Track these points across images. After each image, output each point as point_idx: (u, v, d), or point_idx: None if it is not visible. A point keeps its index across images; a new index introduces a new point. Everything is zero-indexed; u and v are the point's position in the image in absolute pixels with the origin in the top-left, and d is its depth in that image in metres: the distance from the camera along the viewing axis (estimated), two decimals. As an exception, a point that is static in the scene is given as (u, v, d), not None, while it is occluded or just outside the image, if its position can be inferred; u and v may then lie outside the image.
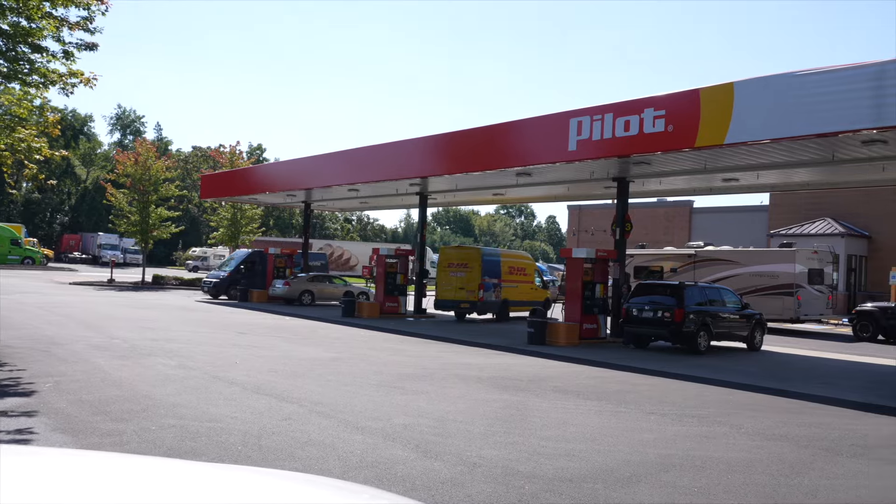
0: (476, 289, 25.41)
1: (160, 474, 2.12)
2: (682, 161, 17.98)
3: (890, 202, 36.65)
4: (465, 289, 25.61)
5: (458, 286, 25.73)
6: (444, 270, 26.41)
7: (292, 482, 2.21)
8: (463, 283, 25.67)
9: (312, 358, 14.65)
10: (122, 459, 2.43)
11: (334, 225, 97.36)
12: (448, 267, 26.33)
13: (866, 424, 10.24)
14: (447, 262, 26.52)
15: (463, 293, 25.64)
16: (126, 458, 2.43)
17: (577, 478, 6.79)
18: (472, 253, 26.50)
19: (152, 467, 2.25)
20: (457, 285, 25.76)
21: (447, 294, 26.09)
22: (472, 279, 25.57)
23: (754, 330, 19.61)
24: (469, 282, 25.58)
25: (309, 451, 7.29)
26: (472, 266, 25.74)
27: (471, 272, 25.63)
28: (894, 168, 17.64)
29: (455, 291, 25.78)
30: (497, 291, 26.26)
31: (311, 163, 29.30)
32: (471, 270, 25.65)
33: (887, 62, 12.66)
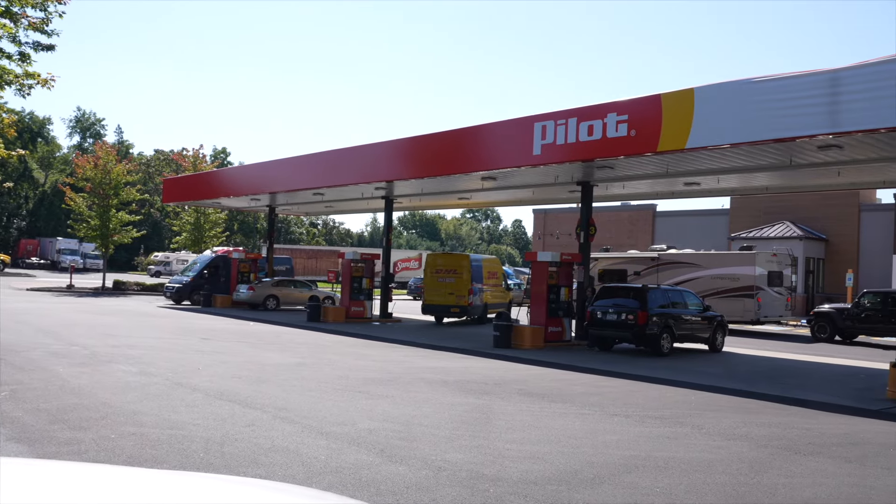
0: (466, 294, 26.27)
1: (117, 483, 2.10)
2: (644, 165, 18.22)
3: (846, 206, 37.54)
4: (454, 294, 26.36)
5: (447, 291, 26.48)
6: (432, 276, 27.04)
7: (244, 487, 2.20)
8: (452, 288, 26.43)
9: (277, 363, 14.52)
10: (78, 468, 2.39)
11: (299, 229, 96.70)
12: (436, 273, 26.96)
13: (823, 423, 10.46)
14: (435, 268, 27.16)
15: (453, 298, 26.36)
16: (83, 467, 2.39)
17: (542, 480, 6.83)
18: (461, 259, 27.37)
19: (109, 476, 2.22)
20: (446, 290, 26.49)
21: (436, 299, 26.69)
22: (461, 284, 26.36)
23: (716, 331, 19.92)
24: (458, 287, 26.36)
25: (273, 457, 7.22)
26: (461, 272, 26.53)
27: (460, 278, 26.45)
28: (850, 172, 18.07)
29: (444, 296, 26.50)
30: (480, 296, 27.12)
31: (276, 166, 29.09)
32: (460, 276, 26.47)
33: (841, 69, 12.97)
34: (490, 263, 29.07)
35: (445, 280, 26.67)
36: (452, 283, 26.49)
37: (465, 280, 26.40)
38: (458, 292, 26.35)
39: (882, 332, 23.95)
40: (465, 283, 26.39)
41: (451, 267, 26.90)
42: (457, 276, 26.52)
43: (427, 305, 27.09)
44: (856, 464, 7.99)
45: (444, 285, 26.62)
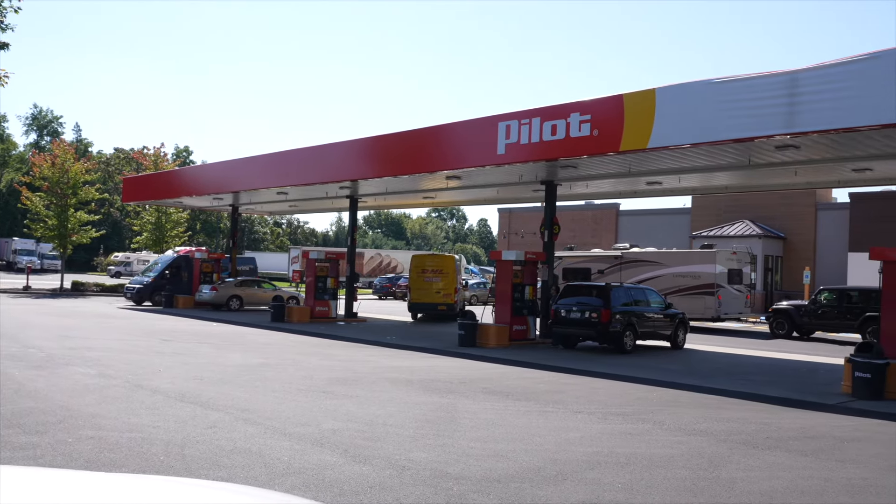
0: (452, 292, 28.22)
1: (73, 488, 2.07)
2: (607, 165, 18.40)
3: (803, 205, 38.34)
4: (441, 292, 28.04)
5: (434, 290, 28.06)
6: (418, 276, 28.37)
7: (200, 489, 2.18)
8: (439, 287, 28.07)
9: (240, 364, 14.38)
10: (33, 473, 2.35)
11: (263, 229, 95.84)
12: (422, 273, 28.35)
13: (780, 418, 10.67)
14: (421, 268, 28.47)
15: (440, 297, 28.03)
16: (38, 472, 2.35)
17: (505, 478, 6.86)
18: (447, 260, 29.36)
19: (65, 481, 2.18)
20: (433, 290, 28.07)
21: (423, 298, 28.15)
22: (447, 284, 28.12)
23: (677, 329, 20.20)
24: (445, 286, 28.07)
25: (235, 458, 7.15)
26: (447, 272, 28.28)
27: (446, 277, 28.16)
28: (806, 172, 18.45)
29: (432, 295, 28.04)
30: (460, 294, 28.82)
31: (239, 165, 28.79)
32: (446, 276, 28.19)
33: (798, 71, 13.24)
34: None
35: (432, 280, 28.14)
36: (439, 282, 28.09)
37: (452, 279, 28.15)
38: (445, 290, 28.05)
39: (838, 327, 24.50)
40: (451, 282, 28.12)
41: (438, 267, 28.46)
42: (443, 276, 28.17)
43: (414, 304, 28.31)
44: (811, 457, 8.17)
45: (430, 284, 28.10)
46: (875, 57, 12.33)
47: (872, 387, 12.32)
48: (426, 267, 28.58)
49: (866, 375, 12.38)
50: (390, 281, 49.52)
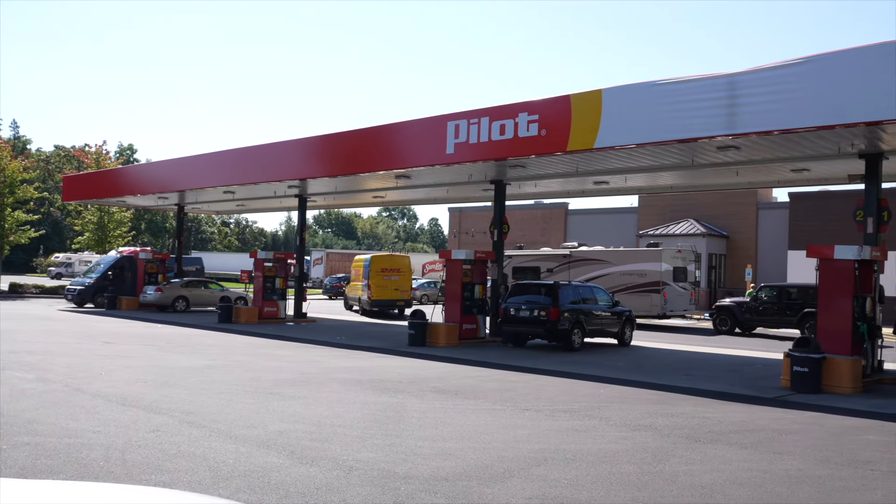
0: (409, 289, 31.43)
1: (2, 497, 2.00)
2: (555, 164, 18.59)
3: (745, 204, 39.34)
4: (399, 290, 30.55)
5: (392, 288, 30.35)
6: (377, 275, 30.19)
7: (133, 495, 2.13)
8: (397, 285, 30.53)
9: (185, 366, 14.11)
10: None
11: (211, 228, 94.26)
12: (382, 272, 30.35)
13: (722, 412, 10.93)
14: (381, 268, 30.47)
15: (398, 293, 30.55)
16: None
17: (453, 476, 6.88)
18: (404, 259, 32.17)
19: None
20: (392, 287, 30.33)
21: (384, 295, 30.21)
22: (404, 282, 30.88)
23: (624, 326, 20.53)
24: (402, 284, 30.74)
25: (178, 462, 7.01)
26: (404, 271, 30.94)
27: (403, 276, 30.83)
28: (747, 172, 18.93)
29: (391, 292, 30.31)
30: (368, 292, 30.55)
31: (185, 164, 28.27)
32: (403, 274, 30.84)
33: (738, 73, 13.58)
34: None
35: (391, 278, 30.34)
36: (397, 280, 30.51)
37: (408, 277, 31.10)
38: (402, 288, 30.73)
39: (778, 323, 25.21)
40: (407, 280, 30.99)
41: (395, 266, 30.79)
42: (400, 275, 30.67)
43: (375, 301, 30.10)
44: (751, 450, 8.38)
45: (390, 283, 30.31)
46: (810, 61, 12.73)
47: (810, 380, 12.71)
48: (384, 266, 30.51)
49: (804, 370, 12.77)
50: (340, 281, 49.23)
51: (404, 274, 30.89)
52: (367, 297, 30.14)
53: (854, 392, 12.78)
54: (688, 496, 6.49)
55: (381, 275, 30.22)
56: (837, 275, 13.50)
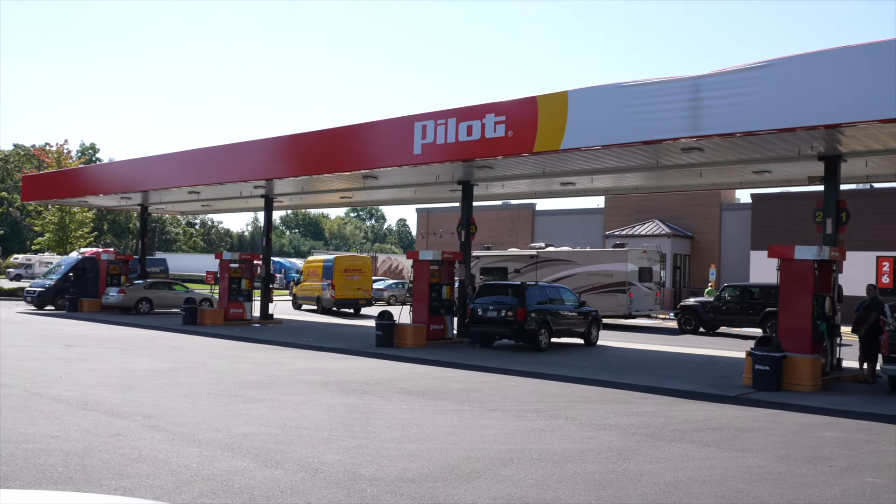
0: (370, 288, 33.72)
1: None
2: (522, 165, 18.67)
3: (709, 205, 39.91)
4: (361, 289, 32.79)
5: (355, 287, 32.53)
6: (341, 275, 32.22)
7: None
8: (359, 284, 32.77)
9: (148, 369, 13.90)
10: None
11: (175, 229, 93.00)
12: (345, 272, 32.43)
13: (685, 410, 11.07)
14: (344, 268, 32.56)
15: (360, 293, 32.79)
16: None
17: (419, 477, 6.87)
18: (366, 260, 34.69)
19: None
20: (354, 286, 32.50)
21: (347, 294, 32.34)
22: (366, 281, 33.27)
23: (591, 326, 20.69)
24: (364, 283, 33.04)
25: (139, 467, 6.91)
26: (365, 271, 33.30)
27: (365, 276, 33.17)
28: (710, 174, 19.20)
29: (354, 291, 32.47)
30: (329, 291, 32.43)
31: (148, 163, 27.85)
32: (364, 274, 33.19)
33: (702, 76, 13.77)
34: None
35: (353, 278, 32.47)
36: (359, 280, 32.71)
37: (369, 277, 33.51)
38: (364, 287, 33.03)
39: (741, 323, 25.61)
40: (368, 279, 33.40)
41: (358, 267, 33.02)
42: (362, 275, 32.91)
43: (339, 300, 32.15)
44: (714, 447, 8.50)
45: (353, 282, 32.43)
46: (771, 64, 12.95)
47: (771, 378, 12.94)
48: (347, 266, 32.62)
49: (765, 368, 12.99)
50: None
51: (365, 274, 33.17)
52: (331, 296, 32.05)
53: (814, 390, 13.03)
54: (651, 494, 6.56)
55: (345, 275, 32.26)
56: (798, 275, 13.75)
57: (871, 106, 12.07)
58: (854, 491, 6.86)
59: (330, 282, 32.23)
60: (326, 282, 32.43)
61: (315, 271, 34.12)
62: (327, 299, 32.34)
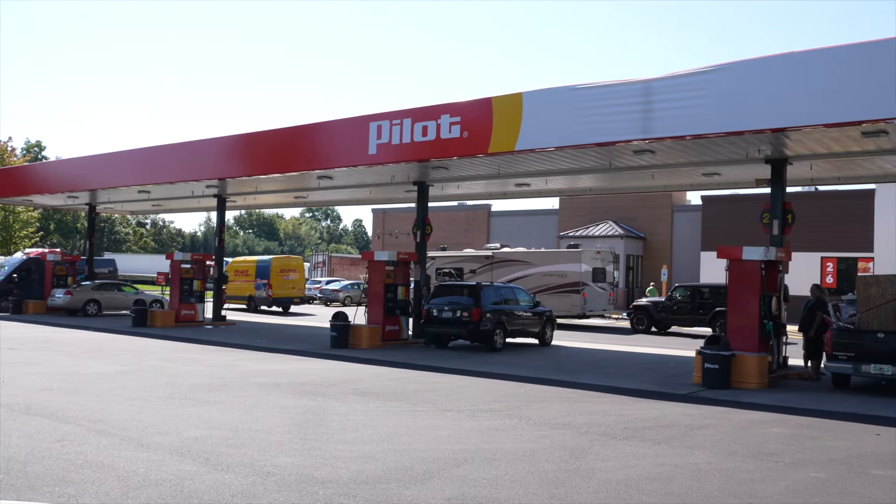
0: (303, 287, 37.49)
1: None
2: (477, 166, 18.74)
3: (661, 206, 40.60)
4: (295, 288, 35.85)
5: (290, 286, 35.39)
6: (278, 275, 34.96)
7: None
8: (294, 283, 35.71)
9: (96, 372, 13.58)
10: None
11: (125, 229, 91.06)
12: (281, 272, 35.17)
13: (637, 409, 11.24)
14: (280, 268, 35.34)
15: (295, 291, 35.86)
16: None
17: (373, 479, 6.84)
18: (298, 261, 38.00)
19: None
20: (289, 285, 35.35)
21: (283, 292, 34.93)
22: (299, 281, 36.40)
23: (545, 326, 20.86)
24: (298, 283, 36.21)
25: (84, 473, 6.73)
26: (298, 270, 36.40)
27: (298, 275, 36.24)
28: (662, 176, 19.51)
29: (289, 290, 35.26)
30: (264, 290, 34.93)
31: (97, 162, 27.21)
32: (298, 274, 36.26)
33: (653, 80, 13.99)
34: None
35: (288, 277, 35.23)
36: (293, 279, 35.51)
37: (302, 276, 36.69)
38: (298, 286, 36.05)
39: (691, 322, 26.10)
40: (301, 279, 36.67)
41: (292, 267, 36.07)
42: (296, 275, 35.79)
43: (275, 299, 34.61)
44: (664, 445, 8.64)
45: (287, 281, 35.17)
46: (720, 69, 13.22)
47: (720, 377, 13.21)
48: (283, 267, 35.56)
49: (714, 366, 13.26)
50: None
51: (299, 274, 36.29)
52: (268, 294, 34.66)
53: (761, 387, 13.34)
54: (603, 493, 6.63)
55: (281, 274, 35.09)
56: (745, 275, 14.06)
57: (816, 111, 12.41)
58: (798, 486, 7.04)
59: (266, 281, 34.79)
60: (262, 281, 34.89)
61: (246, 271, 36.45)
62: (262, 298, 34.78)
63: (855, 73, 12.07)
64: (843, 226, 33.62)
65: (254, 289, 35.17)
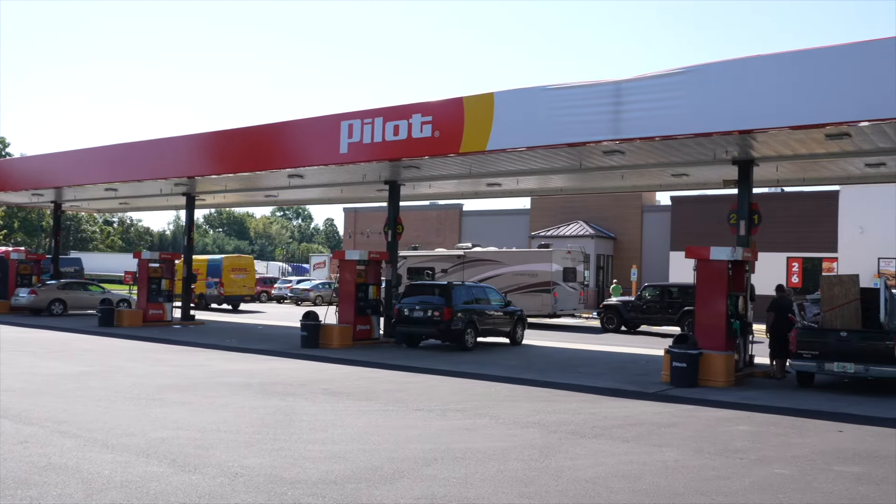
0: (253, 285, 38.26)
1: None
2: (449, 166, 18.75)
3: (631, 207, 40.96)
4: (245, 286, 37.14)
5: (241, 284, 36.80)
6: (228, 274, 36.24)
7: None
8: (244, 282, 37.04)
9: (60, 373, 13.35)
10: None
11: (92, 228, 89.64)
12: (232, 271, 36.55)
13: (606, 407, 11.32)
14: (231, 267, 36.69)
15: (245, 289, 37.13)
16: None
17: (342, 479, 6.81)
18: (249, 260, 39.40)
19: None
20: (240, 284, 36.74)
21: (234, 291, 36.38)
22: (249, 279, 37.60)
23: (516, 325, 20.93)
24: (248, 282, 37.40)
25: (47, 476, 6.62)
26: (249, 270, 37.66)
27: (249, 274, 37.51)
28: (632, 176, 19.67)
29: (240, 288, 36.74)
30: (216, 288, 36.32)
31: (62, 159, 26.73)
32: (248, 273, 37.50)
33: (623, 81, 14.11)
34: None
35: (239, 276, 36.76)
36: (243, 278, 37.04)
37: (252, 275, 38.06)
38: (248, 285, 37.52)
39: (660, 321, 26.37)
40: (252, 278, 37.87)
41: (242, 266, 37.54)
42: (247, 274, 37.32)
43: (226, 297, 36.14)
44: (632, 443, 8.72)
45: (239, 280, 36.73)
46: (689, 71, 13.37)
47: (688, 375, 13.36)
48: (234, 266, 36.99)
49: (682, 365, 13.40)
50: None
51: (249, 273, 37.62)
52: (219, 292, 35.98)
53: (727, 385, 13.52)
54: (572, 491, 6.68)
55: (232, 273, 36.51)
56: (713, 274, 14.24)
57: (781, 113, 12.62)
58: (763, 482, 7.14)
59: (218, 280, 36.14)
60: (213, 280, 36.22)
61: (197, 270, 36.21)
62: (214, 296, 36.04)
63: (819, 76, 12.28)
64: (808, 226, 34.19)
65: (205, 287, 35.98)
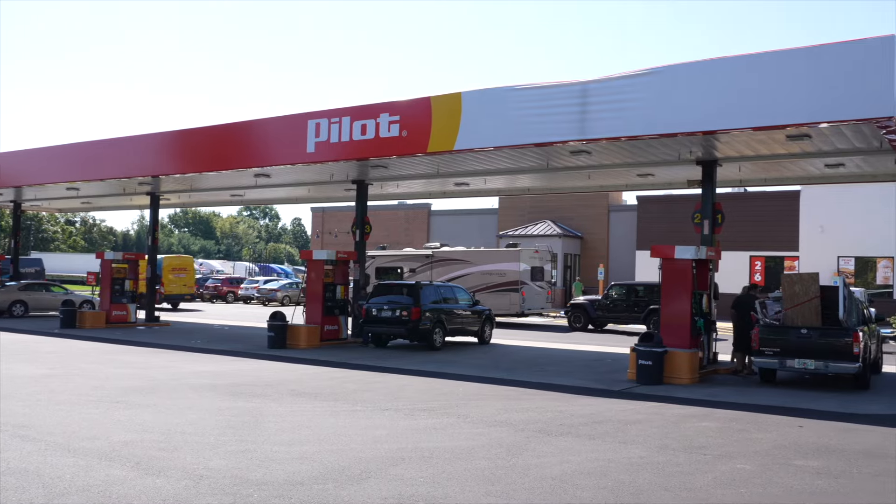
0: (193, 285, 39.68)
1: None
2: (417, 165, 18.75)
3: (598, 206, 41.32)
4: (186, 286, 38.24)
5: (181, 284, 37.86)
6: (169, 273, 37.02)
7: None
8: (184, 282, 38.14)
9: (21, 375, 13.08)
10: None
11: (53, 227, 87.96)
12: (172, 271, 37.44)
13: (573, 405, 11.41)
14: (171, 267, 37.46)
15: (185, 289, 38.26)
16: None
17: (309, 480, 6.78)
18: (188, 260, 40.57)
19: None
20: (180, 283, 37.81)
21: (174, 290, 37.38)
22: (189, 279, 38.86)
23: (484, 325, 21.00)
24: (188, 281, 38.64)
25: (6, 480, 6.49)
26: (189, 270, 38.87)
27: (189, 274, 38.68)
28: (598, 176, 19.86)
29: (180, 287, 37.79)
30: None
31: (22, 157, 26.20)
32: (188, 273, 38.68)
33: (590, 81, 14.23)
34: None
35: (179, 276, 37.91)
36: (184, 277, 38.15)
37: (191, 275, 39.24)
38: (188, 284, 38.74)
39: (627, 320, 26.66)
40: (191, 277, 39.16)
41: (183, 266, 38.62)
42: (186, 273, 38.41)
43: (167, 296, 36.85)
44: (598, 440, 8.81)
45: (179, 279, 37.87)
46: (654, 72, 13.54)
47: (653, 373, 13.53)
48: (174, 266, 37.80)
49: (648, 363, 13.57)
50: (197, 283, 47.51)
51: (189, 272, 38.71)
52: (160, 291, 35.57)
53: (692, 382, 13.72)
54: (539, 488, 6.72)
55: (172, 273, 37.28)
56: (677, 273, 14.43)
57: (743, 114, 12.83)
58: (725, 477, 7.26)
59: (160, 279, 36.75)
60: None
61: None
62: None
63: (780, 79, 12.51)
64: (770, 225, 34.80)
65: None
